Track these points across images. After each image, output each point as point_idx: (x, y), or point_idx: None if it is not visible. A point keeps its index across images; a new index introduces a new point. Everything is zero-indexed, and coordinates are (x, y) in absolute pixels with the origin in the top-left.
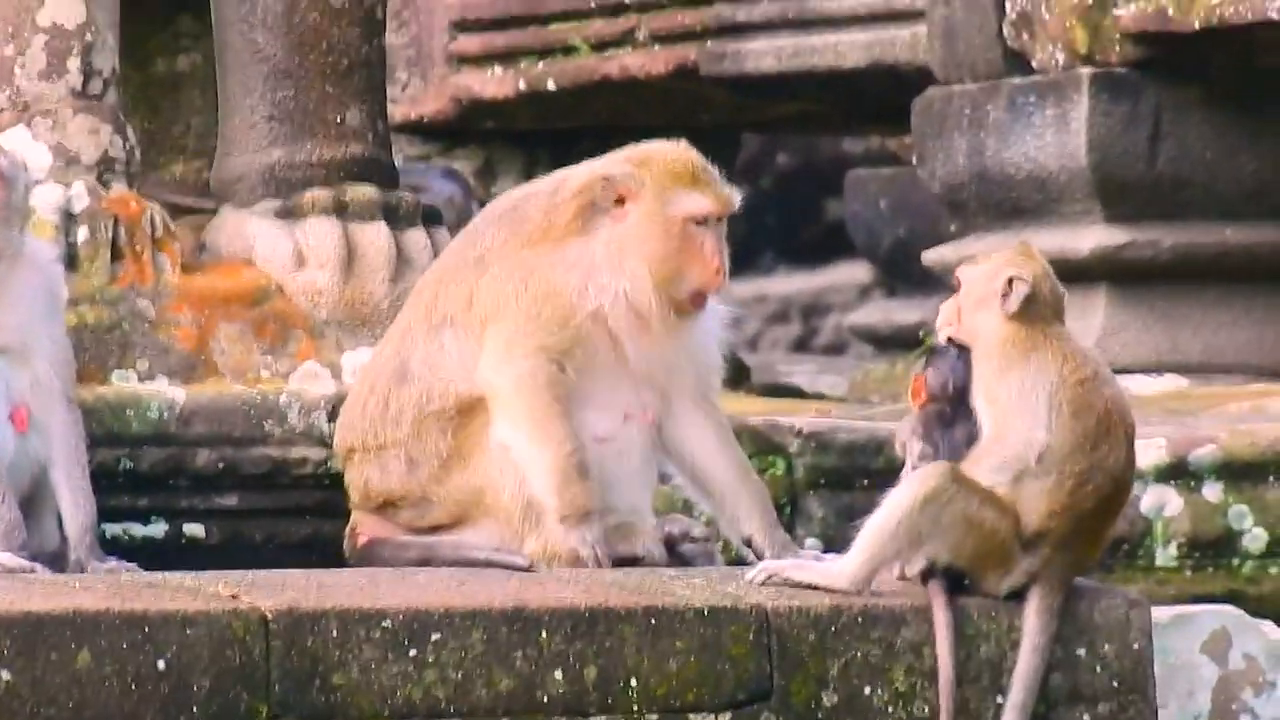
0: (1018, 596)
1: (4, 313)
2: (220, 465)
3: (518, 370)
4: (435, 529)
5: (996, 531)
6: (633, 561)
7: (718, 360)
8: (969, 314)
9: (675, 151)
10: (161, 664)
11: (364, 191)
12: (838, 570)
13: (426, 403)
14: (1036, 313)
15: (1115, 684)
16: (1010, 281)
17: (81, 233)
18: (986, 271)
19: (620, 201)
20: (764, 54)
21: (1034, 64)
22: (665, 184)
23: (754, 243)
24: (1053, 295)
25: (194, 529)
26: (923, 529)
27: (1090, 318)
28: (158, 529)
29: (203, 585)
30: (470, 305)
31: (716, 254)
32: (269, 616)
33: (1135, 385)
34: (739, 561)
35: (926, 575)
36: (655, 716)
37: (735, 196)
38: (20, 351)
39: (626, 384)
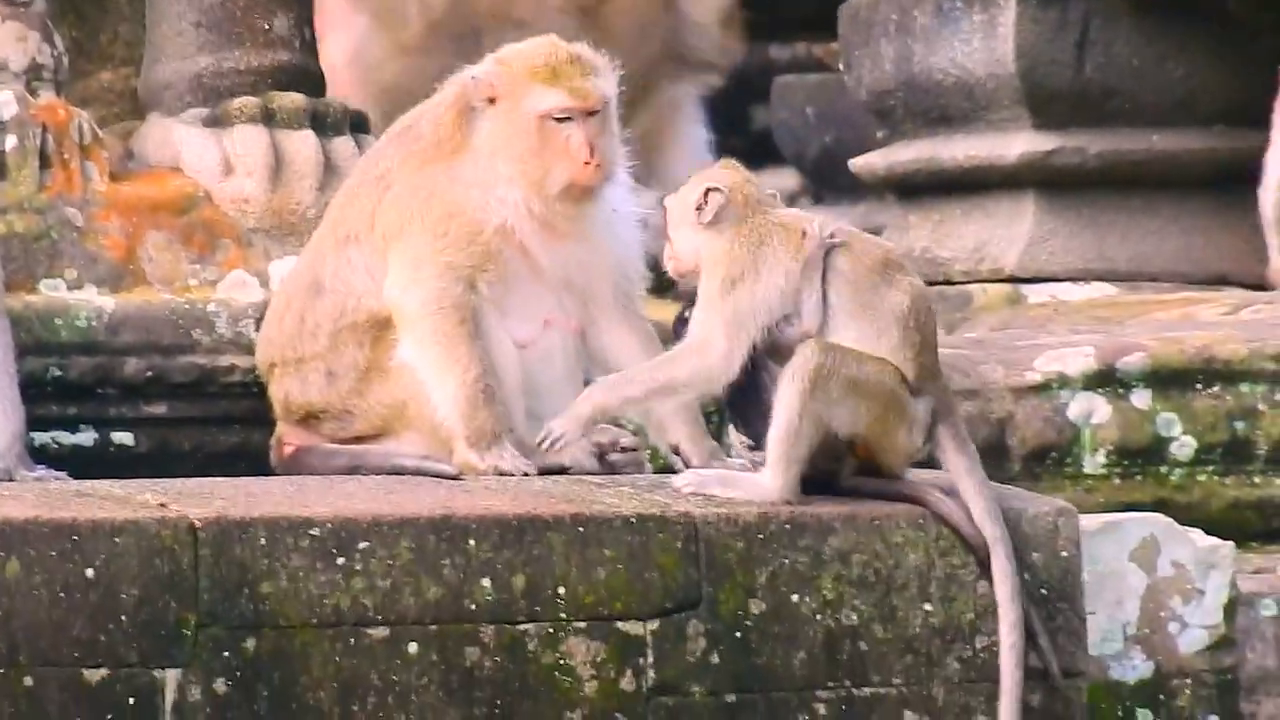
0: (927, 465)
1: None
2: (148, 373)
3: (424, 291)
4: (359, 440)
5: (883, 382)
6: (560, 471)
7: (639, 268)
8: (682, 242)
9: (537, 46)
10: (90, 573)
11: (291, 99)
12: (766, 486)
13: (340, 316)
14: (740, 215)
15: (1044, 592)
16: (706, 193)
17: (9, 140)
18: (685, 192)
19: (492, 101)
20: None
21: None
22: (523, 80)
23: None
24: (758, 197)
25: (123, 437)
26: (821, 411)
27: (1018, 225)
28: (87, 437)
29: (131, 494)
30: (373, 224)
31: (583, 147)
32: (197, 525)
33: (1063, 293)
34: (667, 470)
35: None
36: (583, 624)
37: (599, 90)
38: None
39: (544, 291)
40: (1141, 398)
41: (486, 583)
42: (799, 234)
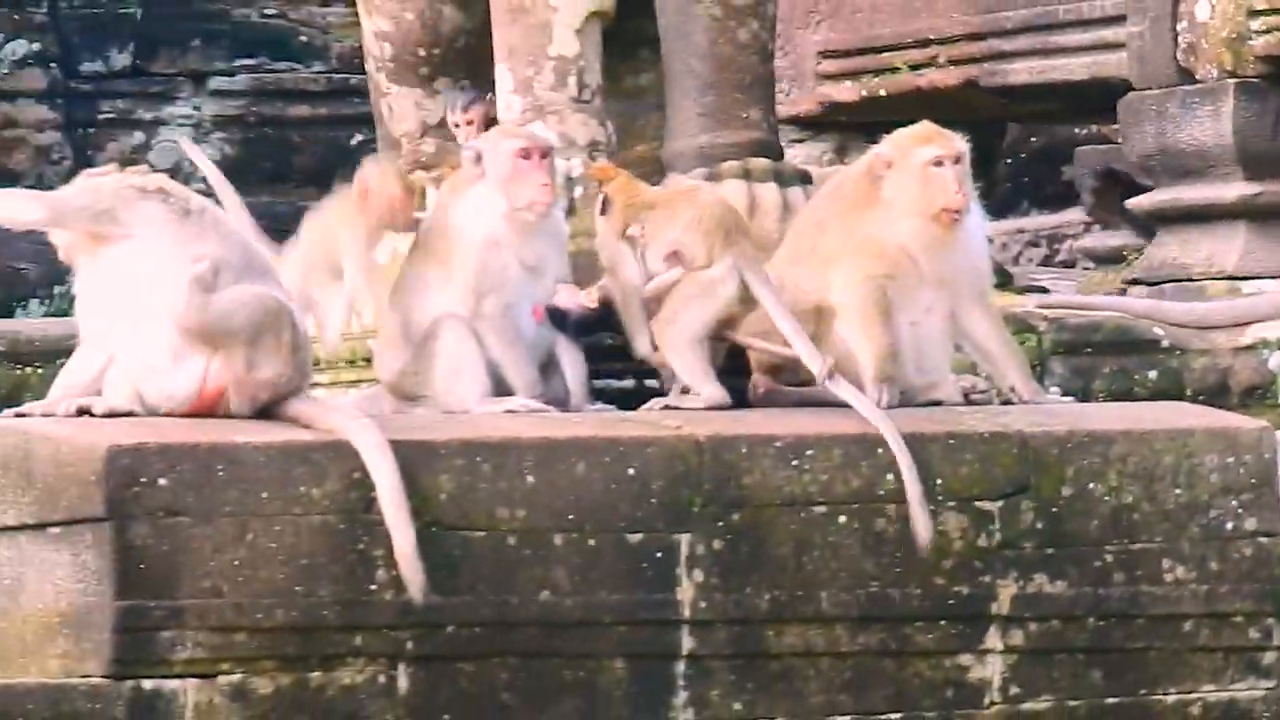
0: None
1: (544, 248)
2: None
3: (856, 292)
4: (804, 384)
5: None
6: (937, 404)
7: (989, 269)
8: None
9: (915, 127)
10: (631, 471)
11: (761, 163)
12: (704, 397)
13: (794, 306)
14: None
15: (1252, 481)
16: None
17: (578, 190)
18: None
19: (889, 165)
20: (1022, 71)
21: (1197, 77)
22: (909, 146)
23: (1015, 195)
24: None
25: (652, 383)
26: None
27: (1234, 242)
28: (628, 383)
29: (657, 420)
30: (814, 250)
31: (954, 182)
32: (701, 440)
33: (1265, 286)
34: (1008, 403)
35: None
36: (953, 503)
37: (960, 145)
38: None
39: (927, 288)
40: None
41: (890, 476)
42: None
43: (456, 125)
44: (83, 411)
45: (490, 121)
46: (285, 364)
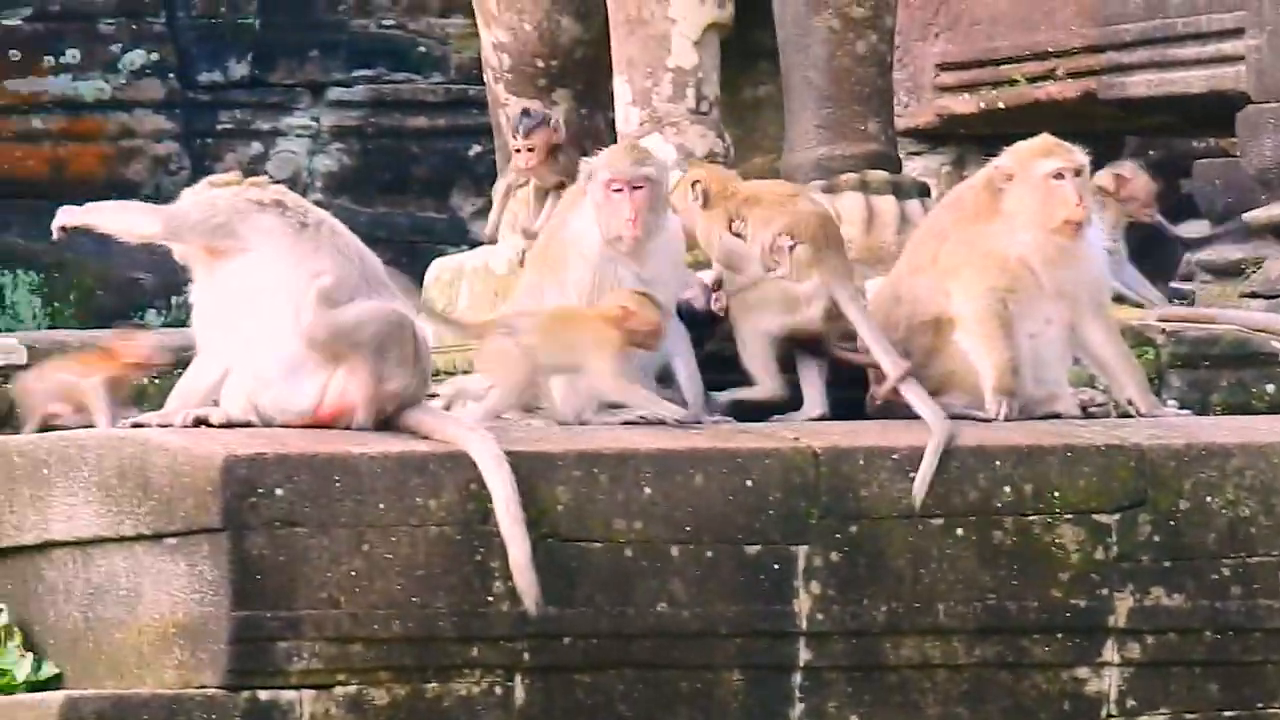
0: None
1: (657, 266)
2: None
3: (977, 305)
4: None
5: None
6: (1055, 416)
7: (1107, 282)
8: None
9: (1035, 140)
10: (749, 482)
11: (879, 175)
12: (764, 389)
13: (912, 317)
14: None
15: None
16: (693, 184)
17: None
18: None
19: (1009, 178)
20: (1140, 84)
21: None
22: (1029, 158)
23: None
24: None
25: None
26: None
27: None
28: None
29: (774, 432)
30: (935, 262)
31: (1074, 194)
32: (818, 451)
33: None
34: (1125, 415)
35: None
36: (1070, 516)
37: (1081, 157)
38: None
39: (1046, 300)
40: None
41: (1007, 489)
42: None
43: (518, 150)
44: (200, 422)
45: (553, 148)
46: (410, 375)
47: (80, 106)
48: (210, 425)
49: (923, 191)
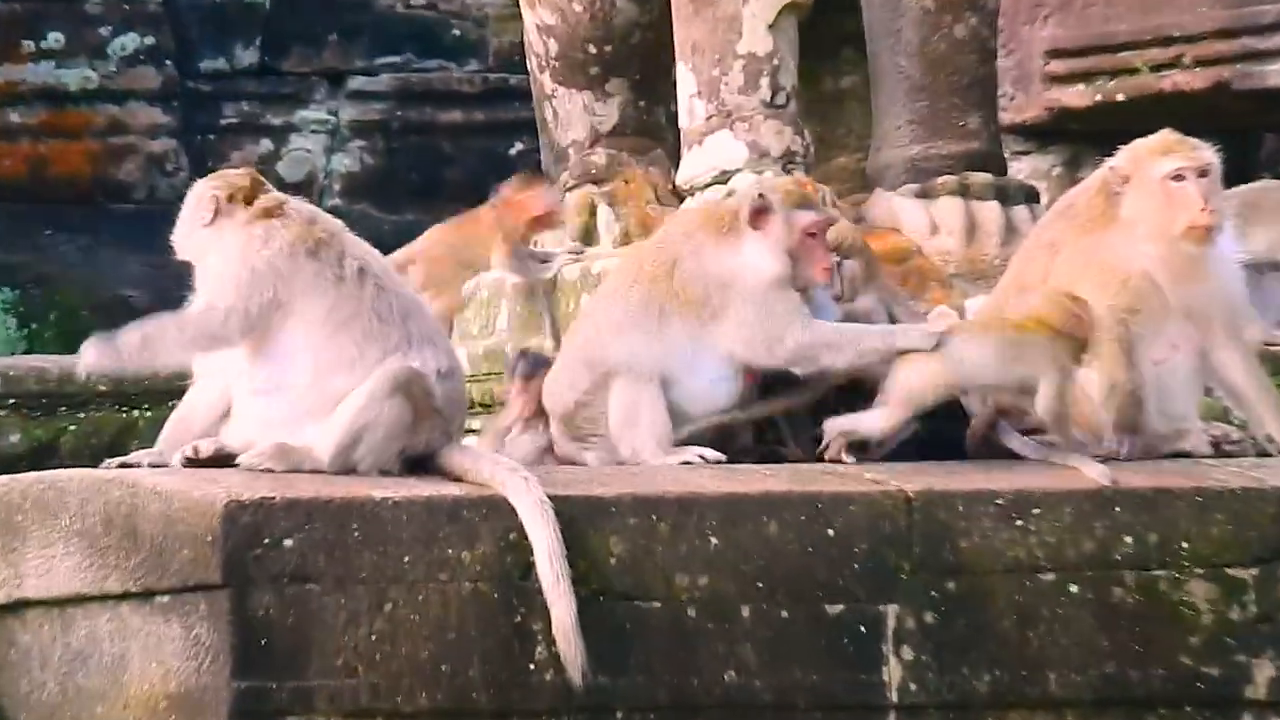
0: None
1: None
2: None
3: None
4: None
5: None
6: (1184, 455)
7: (1243, 303)
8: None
9: (1154, 137)
10: (830, 531)
11: (981, 178)
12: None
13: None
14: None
15: None
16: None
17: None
18: None
19: (1126, 181)
20: (1279, 74)
21: None
22: (1146, 158)
23: None
24: None
25: None
26: None
27: None
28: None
29: (858, 473)
30: (1045, 278)
31: (1199, 197)
32: (911, 496)
33: None
34: (1264, 454)
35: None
36: (1201, 570)
37: (1206, 155)
38: None
39: (1172, 321)
40: None
41: (1128, 539)
42: None
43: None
44: (194, 459)
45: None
46: (431, 427)
47: (64, 97)
48: (200, 455)
49: (1030, 196)
